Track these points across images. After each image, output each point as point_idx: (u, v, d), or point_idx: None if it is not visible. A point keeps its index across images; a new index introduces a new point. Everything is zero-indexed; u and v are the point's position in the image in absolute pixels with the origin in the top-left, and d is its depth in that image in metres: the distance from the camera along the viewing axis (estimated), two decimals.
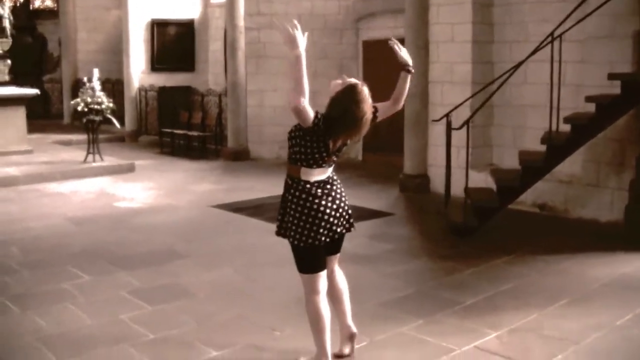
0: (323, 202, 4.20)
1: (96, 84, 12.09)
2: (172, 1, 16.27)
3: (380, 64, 12.76)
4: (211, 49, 16.27)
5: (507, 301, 5.81)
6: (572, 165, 8.56)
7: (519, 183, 7.68)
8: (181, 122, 15.04)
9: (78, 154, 13.20)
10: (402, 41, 11.93)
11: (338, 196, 4.31)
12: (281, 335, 5.09)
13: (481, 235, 7.75)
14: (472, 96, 8.72)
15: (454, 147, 9.77)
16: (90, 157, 12.38)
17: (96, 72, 12.21)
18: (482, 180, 9.31)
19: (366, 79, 12.74)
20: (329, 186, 4.27)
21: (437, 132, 10.05)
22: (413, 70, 4.53)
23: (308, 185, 4.21)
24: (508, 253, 7.12)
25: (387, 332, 5.13)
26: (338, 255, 4.62)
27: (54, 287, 6.13)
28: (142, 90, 16.17)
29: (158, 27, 16.22)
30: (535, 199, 9.05)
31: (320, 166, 4.22)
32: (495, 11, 9.73)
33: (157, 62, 16.28)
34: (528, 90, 9.54)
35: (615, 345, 4.94)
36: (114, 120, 12.44)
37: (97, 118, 12.11)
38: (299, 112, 4.01)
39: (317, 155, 4.17)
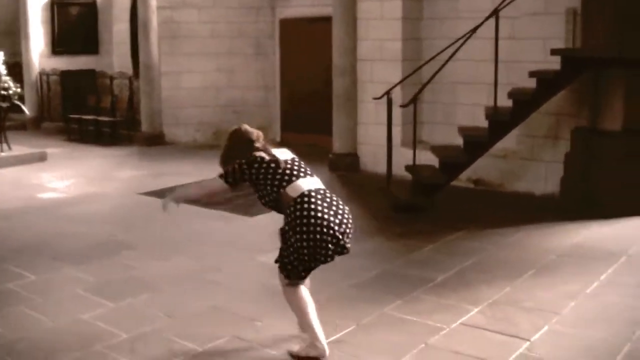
0: (325, 210, 4.12)
1: (1, 68, 11.32)
2: None
3: (297, 43, 12.62)
4: (115, 30, 15.54)
5: (476, 275, 5.86)
6: (506, 140, 8.66)
7: (465, 159, 7.73)
8: (88, 107, 14.34)
9: None
10: (328, 19, 11.91)
11: (340, 210, 4.22)
12: (263, 325, 4.90)
13: (427, 212, 7.78)
14: (413, 72, 8.74)
15: (383, 124, 9.72)
16: None
17: (1, 55, 11.43)
18: (412, 156, 9.33)
19: (283, 57, 12.66)
20: (327, 198, 4.22)
21: (367, 110, 10.03)
22: None
23: (305, 200, 4.12)
24: (458, 229, 7.19)
25: (370, 314, 5.05)
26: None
27: (0, 288, 5.67)
28: (43, 74, 15.30)
29: (58, 7, 15.33)
30: (471, 175, 9.14)
31: (298, 177, 4.23)
32: None
33: (59, 45, 15.41)
34: (458, 67, 9.59)
35: (595, 312, 5.05)
36: (23, 107, 11.73)
37: (5, 104, 11.36)
38: (212, 196, 4.78)
39: (281, 172, 4.21)
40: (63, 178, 10.22)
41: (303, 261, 4.20)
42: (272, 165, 4.24)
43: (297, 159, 4.40)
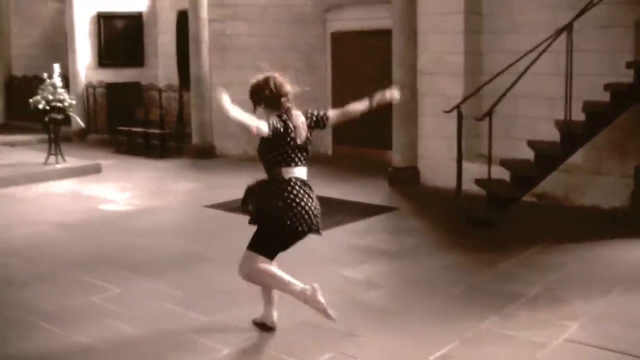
0: (304, 198, 4.62)
1: (57, 80, 11.40)
2: None
3: (349, 57, 12.62)
4: (161, 42, 15.67)
5: (566, 291, 5.77)
6: None
7: (537, 173, 7.67)
8: (136, 120, 14.41)
9: (34, 156, 12.44)
10: (380, 32, 11.92)
11: (315, 201, 4.71)
12: (366, 340, 4.85)
13: (497, 227, 7.71)
14: (483, 85, 8.67)
15: (445, 138, 9.78)
16: (51, 158, 11.67)
17: (57, 68, 11.52)
18: (475, 171, 9.28)
19: (335, 71, 12.65)
20: (308, 190, 4.69)
21: (427, 123, 9.99)
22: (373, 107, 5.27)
23: (292, 182, 4.61)
24: (534, 243, 7.11)
25: (471, 329, 4.98)
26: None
27: (84, 302, 5.63)
28: (90, 87, 15.41)
29: (105, 21, 15.48)
30: (534, 189, 9.05)
31: (297, 164, 4.65)
32: (484, 1, 9.70)
33: (105, 57, 15.54)
34: (521, 80, 9.54)
35: None
36: (78, 119, 11.82)
37: (60, 116, 11.45)
38: (258, 135, 4.57)
39: (290, 152, 4.60)
40: (120, 190, 10.24)
41: (277, 233, 4.68)
42: (291, 144, 4.60)
43: (308, 141, 4.73)
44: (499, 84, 9.55)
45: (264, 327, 5.02)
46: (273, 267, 4.82)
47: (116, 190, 10.23)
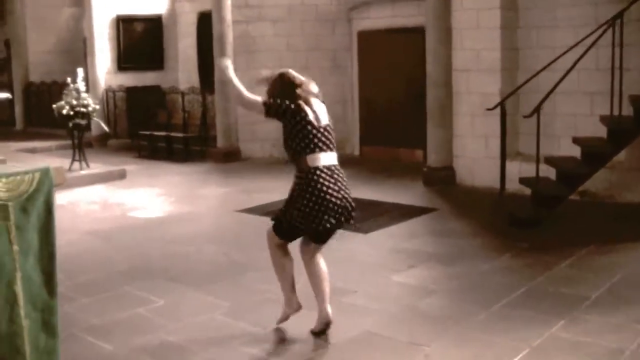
0: (330, 191, 4.51)
1: (81, 85, 11.21)
2: None
3: (376, 56, 12.38)
4: (181, 46, 15.48)
5: (631, 293, 5.53)
6: None
7: (585, 170, 7.42)
8: (158, 123, 14.22)
9: (57, 162, 12.21)
10: (407, 30, 11.69)
11: (343, 187, 4.61)
12: (432, 350, 4.60)
13: (543, 226, 7.46)
14: (527, 81, 8.40)
15: (482, 136, 9.56)
16: (75, 164, 11.48)
17: (80, 73, 11.33)
18: (515, 169, 9.04)
19: (361, 71, 12.41)
20: (335, 175, 4.58)
21: (463, 122, 9.74)
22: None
23: (317, 173, 4.52)
24: (585, 243, 6.85)
25: (539, 335, 4.73)
26: (323, 245, 4.87)
27: (130, 314, 5.40)
28: (110, 91, 15.23)
29: (124, 24, 15.29)
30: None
31: (322, 150, 4.56)
32: None
33: (124, 61, 15.35)
34: (556, 77, 9.26)
35: None
36: (102, 124, 11.64)
37: (84, 122, 11.26)
38: (242, 101, 4.82)
39: (311, 136, 4.53)
40: (149, 196, 10.04)
41: (299, 221, 4.61)
42: (309, 128, 4.56)
43: (330, 127, 4.69)
44: (536, 81, 9.34)
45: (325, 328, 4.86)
46: (285, 259, 4.91)
47: (144, 196, 10.03)
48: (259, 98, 4.70)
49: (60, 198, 10.05)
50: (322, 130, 4.60)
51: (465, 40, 9.54)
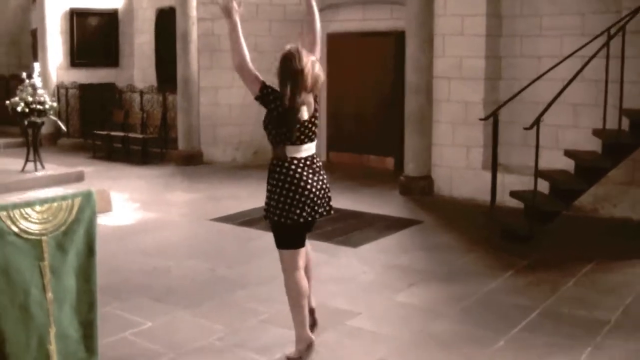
0: (309, 181, 4.29)
1: (37, 81, 10.50)
2: None
3: (345, 59, 12.03)
4: (137, 42, 14.83)
5: None
6: None
7: (581, 185, 7.23)
8: (114, 123, 13.58)
9: (8, 162, 11.48)
10: (378, 34, 11.38)
11: (321, 177, 4.41)
12: None
13: (536, 241, 7.25)
14: (521, 91, 8.14)
15: (462, 146, 9.33)
16: (29, 165, 10.76)
17: (37, 67, 10.64)
18: (497, 181, 8.82)
19: (330, 74, 12.00)
20: (313, 166, 4.37)
21: (442, 130, 9.48)
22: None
23: (295, 163, 4.29)
24: (586, 259, 6.67)
25: None
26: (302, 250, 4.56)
27: (117, 340, 4.88)
28: (62, 87, 14.48)
29: (78, 17, 14.56)
30: None
31: (302, 142, 4.31)
32: (504, 3, 9.24)
33: (78, 57, 14.62)
34: (539, 86, 9.11)
35: None
36: (60, 123, 10.94)
37: (40, 120, 10.55)
38: (241, 69, 4.40)
39: (296, 130, 4.25)
40: (113, 201, 9.44)
41: (294, 214, 4.28)
42: (290, 117, 4.25)
43: (314, 119, 4.39)
44: (517, 90, 9.15)
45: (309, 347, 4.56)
46: (305, 286, 4.47)
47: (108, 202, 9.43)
48: (258, 75, 4.38)
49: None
50: (307, 123, 4.33)
51: (448, 47, 9.27)
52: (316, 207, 4.35)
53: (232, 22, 4.47)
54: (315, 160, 4.42)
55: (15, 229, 2.70)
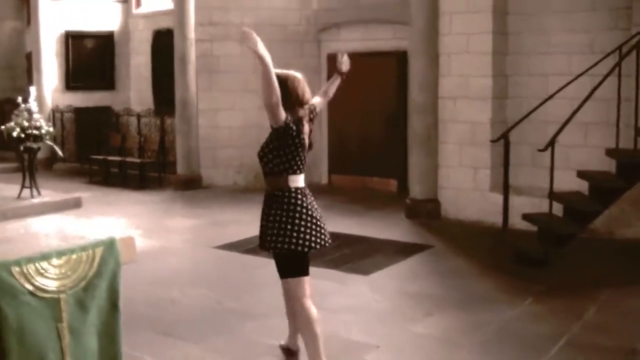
0: (314, 209, 4.32)
1: (33, 105, 10.31)
2: (88, 11, 14.44)
3: (346, 80, 11.80)
4: (134, 64, 14.62)
5: None
6: None
7: (596, 207, 7.02)
8: (110, 147, 13.35)
9: (3, 188, 11.29)
10: (379, 54, 11.22)
11: (317, 207, 4.40)
12: None
13: (551, 265, 7.03)
14: (533, 110, 7.95)
15: (470, 167, 9.13)
16: (26, 191, 10.54)
17: (33, 91, 10.44)
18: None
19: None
20: (309, 196, 4.37)
21: (449, 151, 9.28)
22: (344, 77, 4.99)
23: (299, 192, 4.28)
24: (604, 285, 6.47)
25: None
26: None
27: None
28: (57, 111, 14.25)
29: (73, 40, 14.35)
30: None
31: (302, 171, 4.32)
32: (510, 20, 9.08)
33: (73, 80, 14.40)
34: (549, 105, 8.94)
35: None
36: (57, 148, 10.73)
37: (36, 146, 10.35)
38: (277, 106, 4.11)
39: (297, 159, 4.27)
40: (111, 228, 9.21)
41: (297, 245, 4.23)
42: (300, 150, 4.28)
43: (307, 150, 4.38)
44: (526, 109, 8.97)
45: (289, 351, 4.83)
46: (315, 314, 4.36)
47: (106, 228, 9.18)
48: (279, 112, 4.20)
49: (12, 229, 9.19)
50: (305, 151, 4.37)
51: (454, 66, 9.10)
52: (322, 235, 4.32)
53: (264, 58, 4.17)
54: (308, 190, 4.42)
55: (30, 287, 2.38)
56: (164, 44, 13.56)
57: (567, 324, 5.50)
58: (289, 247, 4.21)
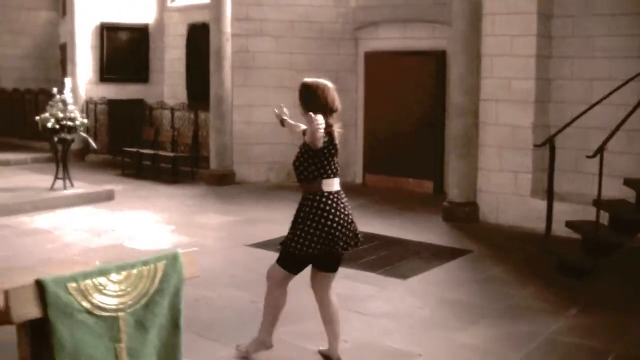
0: (342, 215, 4.42)
1: (68, 97, 10.27)
2: (123, 3, 14.41)
3: (383, 78, 11.69)
4: (168, 58, 14.59)
5: None
6: None
7: None
8: (142, 140, 13.31)
9: (36, 179, 11.30)
10: (418, 53, 11.04)
11: (349, 211, 4.51)
12: None
13: (596, 275, 6.82)
14: (580, 115, 7.72)
15: (510, 171, 8.94)
16: (59, 182, 10.51)
17: (68, 82, 10.40)
18: (543, 208, 8.43)
19: (368, 94, 11.69)
20: (344, 200, 4.50)
21: (488, 154, 9.09)
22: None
23: (330, 198, 4.41)
24: None
25: None
26: (334, 274, 4.71)
27: None
28: (91, 103, 14.23)
29: (108, 32, 14.33)
30: None
31: (336, 175, 4.47)
32: (555, 23, 8.87)
33: (107, 72, 14.38)
34: (592, 110, 8.72)
35: None
36: (90, 140, 10.70)
37: (70, 137, 10.31)
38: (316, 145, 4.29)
39: (332, 164, 4.43)
40: (144, 223, 9.16)
41: (309, 247, 4.39)
42: (332, 157, 4.43)
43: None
44: (569, 114, 8.76)
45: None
46: (283, 298, 4.74)
47: (138, 223, 9.15)
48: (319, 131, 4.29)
49: (43, 221, 9.17)
50: (336, 155, 4.51)
51: (496, 68, 8.90)
52: (339, 242, 4.42)
53: (306, 130, 4.45)
54: (342, 194, 4.54)
55: (87, 305, 2.19)
56: (199, 38, 13.52)
57: (614, 339, 5.32)
58: (293, 250, 4.45)
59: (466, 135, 9.06)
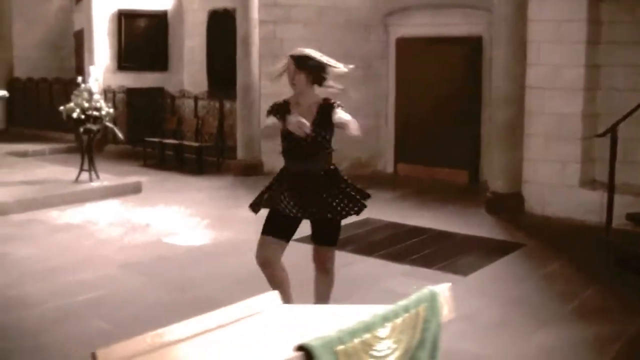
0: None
1: (93, 86, 9.95)
2: None
3: (415, 66, 11.36)
4: (187, 45, 14.23)
5: None
6: None
7: None
8: (163, 129, 12.99)
9: (60, 171, 10.99)
10: (451, 40, 10.70)
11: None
12: None
13: None
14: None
15: (557, 162, 8.64)
16: (84, 174, 10.20)
17: (93, 71, 10.10)
18: (596, 199, 8.16)
19: (399, 82, 11.34)
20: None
21: (535, 144, 8.77)
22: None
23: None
24: None
25: None
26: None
27: None
28: (109, 92, 13.89)
29: (126, 19, 13.97)
30: None
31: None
32: (604, 8, 8.54)
33: (125, 60, 14.03)
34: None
35: None
36: (117, 130, 10.37)
37: (96, 127, 9.99)
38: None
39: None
40: (178, 216, 8.86)
41: (343, 207, 4.71)
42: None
43: None
44: (618, 101, 8.47)
45: None
46: (285, 274, 5.10)
47: (171, 217, 8.86)
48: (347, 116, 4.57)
49: (73, 215, 8.88)
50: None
51: (543, 55, 8.57)
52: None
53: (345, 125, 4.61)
54: None
55: None
56: (219, 25, 13.21)
57: None
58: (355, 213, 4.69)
59: (510, 125, 8.75)
